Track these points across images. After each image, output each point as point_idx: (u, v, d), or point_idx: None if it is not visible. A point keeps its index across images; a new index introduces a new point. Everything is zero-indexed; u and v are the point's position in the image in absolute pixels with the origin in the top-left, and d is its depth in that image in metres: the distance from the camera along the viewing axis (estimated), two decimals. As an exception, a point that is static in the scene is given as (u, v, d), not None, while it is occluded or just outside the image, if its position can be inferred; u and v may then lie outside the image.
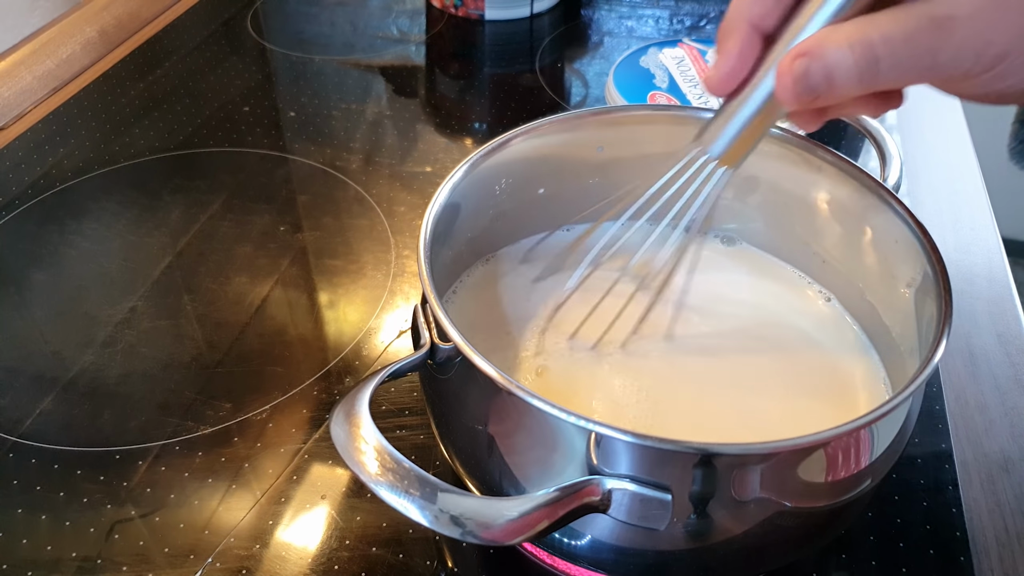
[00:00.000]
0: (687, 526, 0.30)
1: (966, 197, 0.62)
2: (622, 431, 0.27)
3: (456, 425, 0.35)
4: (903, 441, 0.33)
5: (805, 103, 0.28)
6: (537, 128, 0.41)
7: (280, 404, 0.47)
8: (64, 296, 0.54)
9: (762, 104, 0.31)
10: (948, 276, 0.33)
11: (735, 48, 0.30)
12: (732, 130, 0.32)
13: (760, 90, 0.31)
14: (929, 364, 0.30)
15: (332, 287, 0.55)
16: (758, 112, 0.31)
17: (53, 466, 0.44)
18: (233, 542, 0.40)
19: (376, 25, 0.86)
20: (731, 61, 0.30)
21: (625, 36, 0.84)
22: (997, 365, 0.49)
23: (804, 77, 0.27)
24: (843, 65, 0.27)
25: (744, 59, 0.30)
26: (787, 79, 0.28)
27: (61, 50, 0.75)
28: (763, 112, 0.31)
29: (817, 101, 0.28)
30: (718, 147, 0.33)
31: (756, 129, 0.32)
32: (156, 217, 0.60)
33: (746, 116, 0.32)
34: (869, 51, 0.26)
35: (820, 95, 0.28)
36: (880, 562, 0.40)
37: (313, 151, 0.67)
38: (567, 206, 0.46)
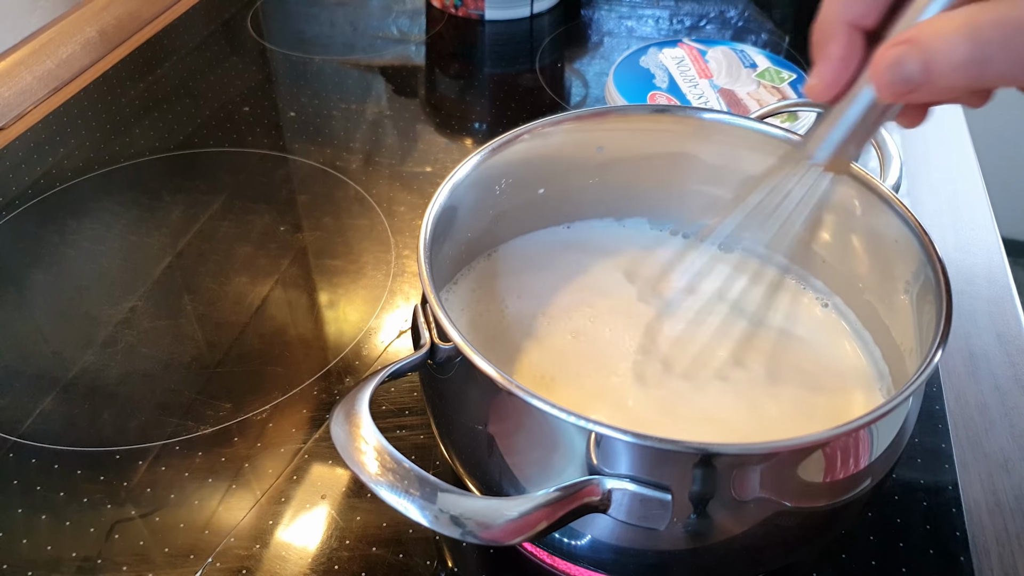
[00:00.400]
0: (687, 526, 0.30)
1: (966, 197, 0.62)
2: (622, 431, 0.27)
3: (456, 425, 0.35)
4: (903, 441, 0.33)
5: (900, 95, 0.26)
6: (537, 128, 0.41)
7: (280, 404, 0.47)
8: (64, 296, 0.54)
9: (867, 107, 0.29)
10: (948, 276, 0.33)
11: (837, 52, 0.28)
12: (837, 136, 0.31)
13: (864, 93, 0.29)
14: (929, 364, 0.30)
15: (332, 287, 0.55)
16: (864, 114, 0.30)
17: (53, 466, 0.44)
18: (233, 542, 0.40)
19: (376, 25, 0.86)
20: (834, 65, 0.29)
21: (625, 36, 0.84)
22: (997, 365, 0.49)
23: (897, 66, 0.25)
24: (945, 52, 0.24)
25: (848, 63, 0.28)
26: (880, 68, 0.26)
27: (61, 50, 0.75)
28: (870, 114, 0.30)
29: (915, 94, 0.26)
30: (823, 153, 0.31)
31: (863, 133, 0.30)
32: (156, 217, 0.60)
33: (852, 119, 0.30)
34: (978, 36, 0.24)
35: (917, 86, 0.25)
36: (880, 562, 0.40)
37: (313, 151, 0.67)
38: (567, 206, 0.46)
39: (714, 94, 0.67)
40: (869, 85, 0.29)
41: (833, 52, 0.28)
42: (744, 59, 0.71)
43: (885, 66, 0.26)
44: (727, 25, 0.86)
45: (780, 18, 0.88)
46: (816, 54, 0.29)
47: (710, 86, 0.68)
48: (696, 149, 0.44)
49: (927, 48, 0.25)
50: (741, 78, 0.69)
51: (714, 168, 0.44)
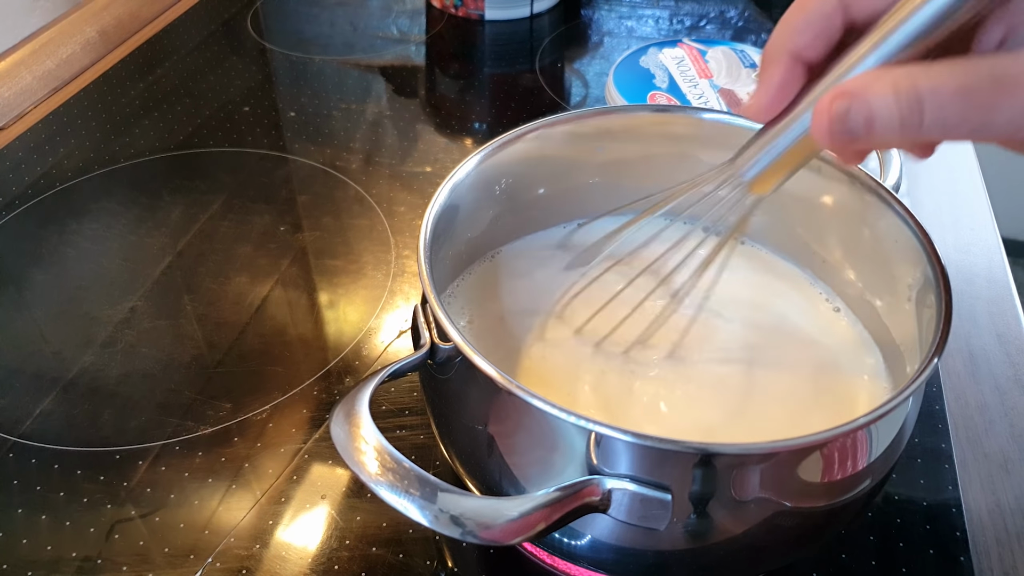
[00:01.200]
0: (687, 526, 0.30)
1: (966, 197, 0.62)
2: (622, 431, 0.27)
3: (456, 425, 0.35)
4: (903, 441, 0.33)
5: (841, 145, 0.27)
6: (537, 128, 0.41)
7: (280, 404, 0.47)
8: (64, 296, 0.54)
9: (799, 138, 0.30)
10: (948, 276, 0.33)
11: (776, 77, 0.29)
12: (766, 159, 0.32)
13: (799, 124, 0.30)
14: (929, 364, 0.30)
15: (332, 287, 0.55)
16: (794, 145, 0.30)
17: (53, 466, 0.44)
18: (233, 542, 0.40)
19: (376, 25, 0.86)
20: (771, 91, 0.29)
21: (625, 36, 0.84)
22: (997, 365, 0.49)
23: (843, 119, 0.26)
24: (885, 112, 0.25)
25: (785, 90, 0.29)
26: (824, 119, 0.26)
27: (61, 50, 0.75)
28: (799, 146, 0.30)
29: (853, 144, 0.26)
30: (750, 172, 0.32)
31: (791, 161, 0.31)
32: (156, 217, 0.60)
33: (781, 148, 0.31)
34: (915, 101, 0.24)
35: (858, 139, 0.26)
36: (880, 562, 0.40)
37: (313, 151, 0.67)
38: (567, 206, 0.46)
39: (714, 94, 0.67)
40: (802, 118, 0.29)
41: (773, 77, 0.29)
42: (744, 59, 0.71)
43: (830, 116, 0.26)
44: (727, 25, 0.86)
45: (780, 18, 0.88)
46: (760, 75, 0.30)
47: (710, 86, 0.68)
48: (696, 149, 0.44)
49: (871, 105, 0.25)
50: (741, 78, 0.69)
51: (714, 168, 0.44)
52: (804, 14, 0.28)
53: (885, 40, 0.26)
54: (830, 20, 0.28)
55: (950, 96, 0.24)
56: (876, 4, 0.27)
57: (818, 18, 0.28)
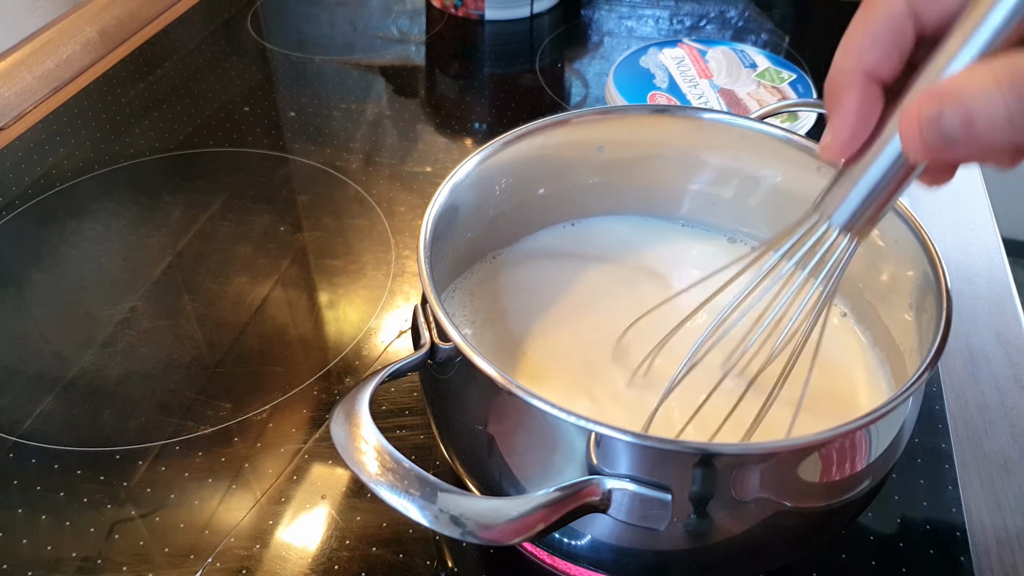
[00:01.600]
0: (687, 526, 0.30)
1: (966, 197, 0.62)
2: (622, 431, 0.27)
3: (456, 425, 0.35)
4: (903, 441, 0.33)
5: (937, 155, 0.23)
6: (537, 128, 0.41)
7: (280, 404, 0.47)
8: (64, 296, 0.54)
9: (891, 166, 0.26)
10: (948, 276, 0.33)
11: (853, 104, 0.26)
12: (858, 197, 0.28)
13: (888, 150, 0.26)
14: (929, 365, 0.30)
15: (332, 287, 0.55)
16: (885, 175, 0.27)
17: (53, 466, 0.44)
18: (233, 542, 0.40)
19: (376, 25, 0.86)
20: (851, 120, 0.26)
21: (625, 36, 0.84)
22: (997, 365, 0.49)
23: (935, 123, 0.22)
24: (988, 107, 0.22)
25: (865, 117, 0.26)
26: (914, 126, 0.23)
27: (61, 50, 0.75)
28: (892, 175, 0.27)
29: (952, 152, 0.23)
30: (842, 215, 0.29)
31: (887, 194, 0.27)
32: (156, 217, 0.60)
33: (873, 181, 0.27)
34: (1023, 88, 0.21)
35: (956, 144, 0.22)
36: (880, 562, 0.40)
37: (313, 151, 0.67)
38: (567, 206, 0.46)
39: (714, 94, 0.67)
40: (891, 142, 0.26)
41: (849, 105, 0.26)
42: (744, 59, 0.71)
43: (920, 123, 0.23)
44: (727, 25, 0.86)
45: (780, 18, 0.88)
46: (830, 108, 0.27)
47: (710, 86, 0.68)
48: (696, 149, 0.44)
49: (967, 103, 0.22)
50: (741, 78, 0.69)
51: (714, 168, 0.44)
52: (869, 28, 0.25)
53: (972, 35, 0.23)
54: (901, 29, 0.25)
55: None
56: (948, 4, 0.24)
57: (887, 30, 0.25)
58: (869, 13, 0.25)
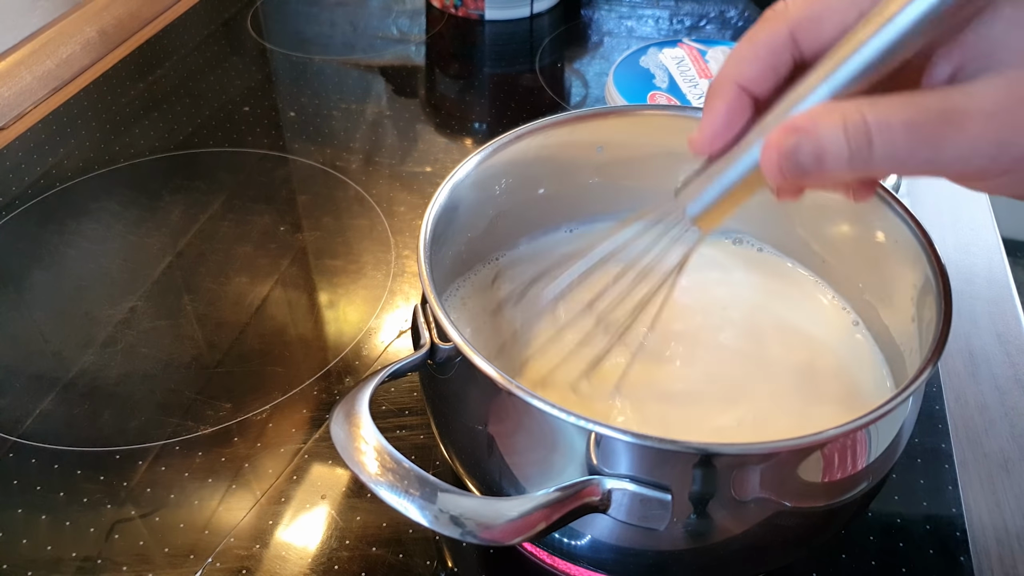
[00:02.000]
0: (687, 526, 0.30)
1: (966, 197, 0.62)
2: (622, 431, 0.27)
3: (456, 425, 0.35)
4: (903, 441, 0.33)
5: (791, 180, 0.26)
6: (537, 128, 0.41)
7: (280, 404, 0.47)
8: (64, 296, 0.54)
9: (746, 172, 0.29)
10: (948, 276, 0.33)
11: (721, 109, 0.28)
12: (711, 194, 0.30)
13: (746, 158, 0.29)
14: (929, 365, 0.30)
15: (332, 287, 0.55)
16: (740, 180, 0.29)
17: (53, 466, 0.44)
18: (233, 542, 0.40)
19: (376, 25, 0.86)
20: (716, 122, 0.28)
21: (625, 36, 0.84)
22: (997, 365, 0.49)
23: (793, 154, 0.25)
24: (835, 146, 0.24)
25: (730, 122, 0.28)
26: (773, 153, 0.26)
27: (61, 50, 0.75)
28: (746, 181, 0.29)
29: (804, 180, 0.26)
30: (695, 208, 0.31)
31: (737, 196, 0.30)
32: (156, 217, 0.60)
33: (727, 183, 0.30)
34: (863, 135, 0.24)
35: (808, 174, 0.25)
36: (880, 562, 0.40)
37: (313, 151, 0.67)
38: (567, 206, 0.46)
39: (714, 94, 0.66)
40: (749, 151, 0.28)
41: (718, 109, 0.28)
42: (744, 59, 0.71)
43: (780, 152, 0.25)
44: (727, 25, 0.86)
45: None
46: (705, 107, 0.29)
47: (710, 86, 0.67)
48: (696, 149, 0.44)
49: (820, 139, 0.25)
50: (741, 78, 0.68)
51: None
52: (752, 46, 0.28)
53: (834, 73, 0.26)
54: (779, 54, 0.27)
55: (899, 129, 0.24)
56: (825, 39, 0.26)
57: (767, 51, 0.27)
58: (756, 32, 0.28)
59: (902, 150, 0.24)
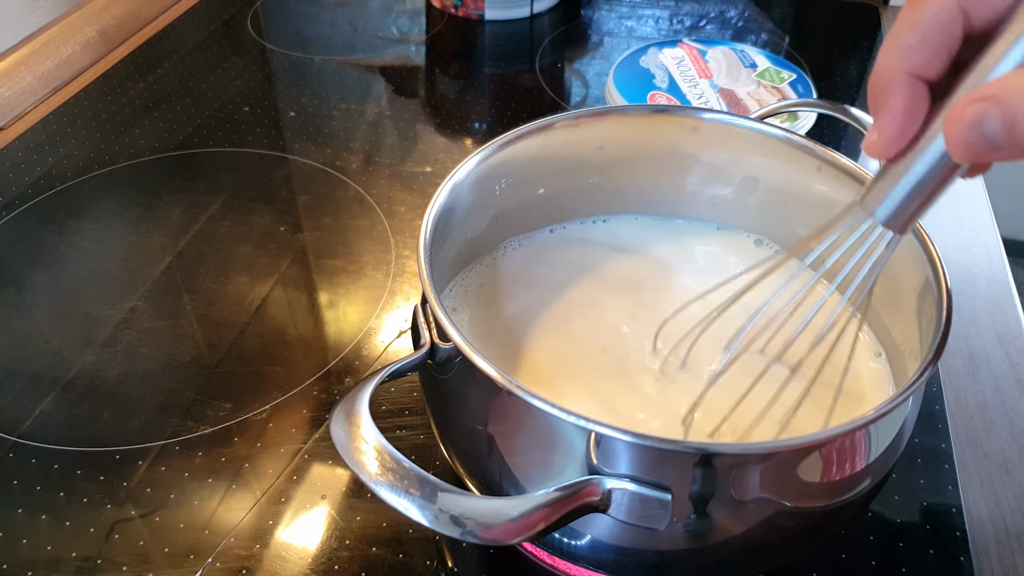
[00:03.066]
0: (687, 526, 0.30)
1: (966, 197, 0.62)
2: (622, 431, 0.27)
3: (456, 425, 0.35)
4: (903, 441, 0.33)
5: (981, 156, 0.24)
6: (537, 128, 0.41)
7: (280, 404, 0.47)
8: (64, 296, 0.54)
9: (935, 165, 0.27)
10: (948, 276, 0.33)
11: (900, 105, 0.26)
12: (900, 193, 0.28)
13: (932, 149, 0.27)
14: (929, 365, 0.30)
15: (332, 287, 0.55)
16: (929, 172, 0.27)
17: (53, 466, 0.44)
18: (233, 542, 0.40)
19: (376, 25, 0.86)
20: (897, 120, 0.26)
21: (625, 36, 0.84)
22: (997, 365, 0.50)
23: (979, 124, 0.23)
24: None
25: (911, 117, 0.26)
26: (958, 127, 0.23)
27: (61, 50, 0.75)
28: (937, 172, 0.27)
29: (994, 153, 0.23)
30: (884, 211, 0.29)
31: (927, 191, 0.28)
32: (156, 217, 0.60)
33: (916, 177, 0.28)
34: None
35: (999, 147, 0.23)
36: (880, 562, 0.40)
37: (313, 151, 0.67)
38: (567, 206, 0.46)
39: (714, 94, 0.67)
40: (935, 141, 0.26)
41: (895, 105, 0.26)
42: (744, 59, 0.71)
43: (964, 125, 0.23)
44: (727, 25, 0.86)
45: (780, 18, 0.88)
46: (875, 107, 0.27)
47: (710, 86, 0.68)
48: (696, 149, 0.44)
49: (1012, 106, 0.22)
50: (741, 78, 0.69)
51: (714, 168, 0.44)
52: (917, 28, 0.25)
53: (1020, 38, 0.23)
54: (949, 30, 0.25)
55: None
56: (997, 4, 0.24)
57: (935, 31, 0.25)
58: (916, 13, 0.25)
59: None
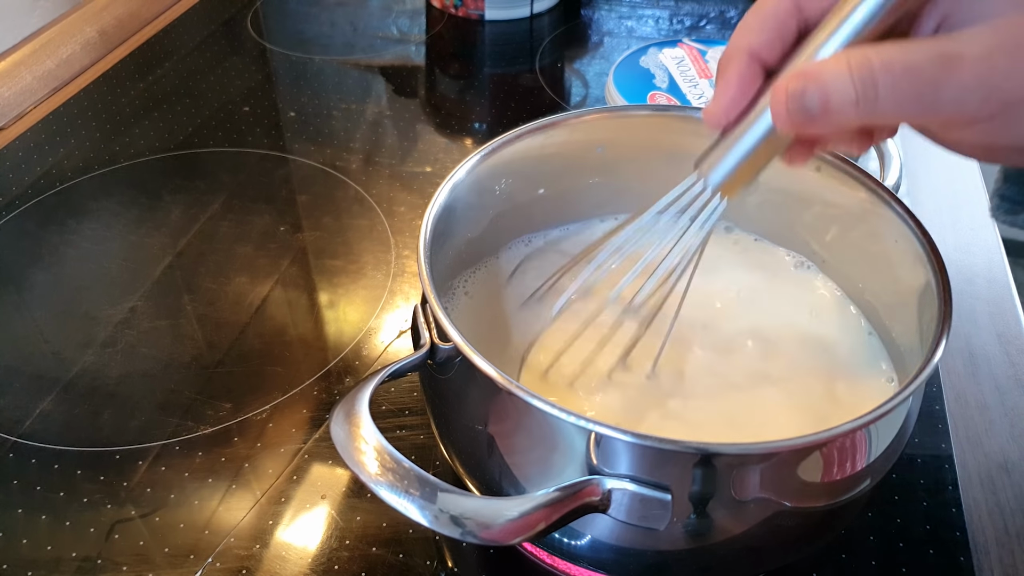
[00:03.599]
0: (687, 526, 0.30)
1: (966, 197, 0.62)
2: (622, 431, 0.27)
3: (456, 425, 0.35)
4: (903, 441, 0.33)
5: (799, 126, 0.27)
6: (537, 128, 0.41)
7: (280, 404, 0.47)
8: (64, 296, 0.54)
9: (762, 136, 0.30)
10: (948, 276, 0.33)
11: (734, 78, 0.29)
12: (731, 161, 0.31)
13: (761, 121, 0.30)
14: (928, 365, 0.30)
15: (332, 287, 0.55)
16: (758, 144, 0.30)
17: (53, 466, 0.44)
18: (233, 542, 0.40)
19: (376, 25, 0.86)
20: (730, 91, 0.30)
21: (625, 36, 0.84)
22: (997, 365, 0.49)
23: (799, 97, 0.26)
24: (840, 89, 0.26)
25: (743, 89, 0.30)
26: (781, 99, 0.27)
27: (61, 50, 0.75)
28: (763, 144, 0.30)
29: (811, 125, 0.27)
30: (716, 177, 0.32)
31: (756, 162, 0.31)
32: (156, 217, 0.60)
33: (746, 148, 0.31)
34: (868, 76, 0.25)
35: (815, 119, 0.27)
36: (880, 562, 0.40)
37: (313, 151, 0.67)
38: (567, 206, 0.46)
39: (714, 94, 0.66)
40: (763, 115, 0.29)
41: (730, 76, 0.29)
42: (744, 59, 0.71)
43: (785, 96, 0.27)
44: (727, 25, 0.86)
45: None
46: (717, 79, 0.30)
47: (710, 86, 0.67)
48: (696, 149, 0.43)
49: (825, 83, 0.26)
50: (741, 78, 0.68)
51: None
52: (759, 16, 0.29)
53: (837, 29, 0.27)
54: (785, 20, 0.29)
55: (901, 72, 0.25)
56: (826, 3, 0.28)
57: (773, 20, 0.29)
58: (762, 3, 0.29)
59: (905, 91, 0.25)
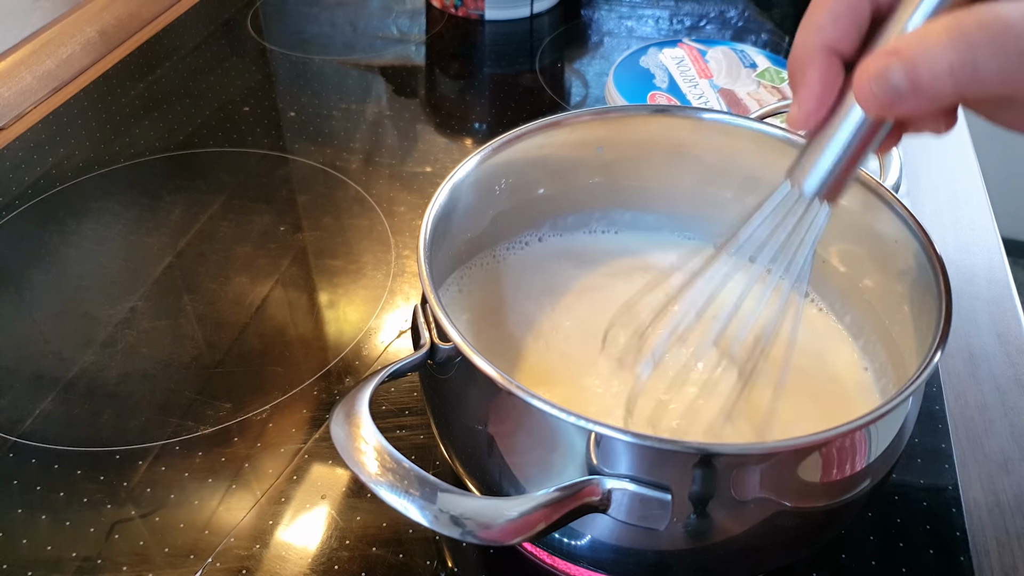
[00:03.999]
0: (687, 526, 0.30)
1: (966, 197, 0.62)
2: (622, 431, 0.27)
3: (456, 425, 0.35)
4: (903, 441, 0.33)
5: (887, 107, 0.25)
6: (537, 128, 0.41)
7: (280, 404, 0.47)
8: (64, 296, 0.54)
9: (855, 130, 0.28)
10: (948, 276, 0.33)
11: (816, 77, 0.28)
12: (827, 163, 0.29)
13: (851, 115, 0.28)
14: (928, 365, 0.30)
15: (332, 287, 0.55)
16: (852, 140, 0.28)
17: (53, 466, 0.44)
18: (233, 542, 0.40)
19: (376, 25, 0.86)
20: (815, 91, 0.28)
21: (625, 36, 0.84)
22: (997, 365, 0.49)
23: (883, 75, 0.24)
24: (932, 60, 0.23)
25: (827, 87, 0.28)
26: (865, 79, 0.25)
27: (61, 50, 0.75)
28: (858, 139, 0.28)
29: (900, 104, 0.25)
30: (813, 183, 0.30)
31: (853, 159, 0.29)
32: (156, 217, 0.60)
33: (840, 146, 0.29)
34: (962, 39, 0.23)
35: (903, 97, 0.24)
36: (880, 562, 0.40)
37: (313, 151, 0.67)
38: (567, 206, 0.46)
39: (714, 94, 0.67)
40: (852, 109, 0.28)
41: (811, 78, 0.28)
42: (744, 59, 0.71)
43: (869, 78, 0.25)
44: (727, 25, 0.86)
45: (780, 18, 0.88)
46: (794, 83, 0.28)
47: (710, 86, 0.68)
48: (696, 149, 0.44)
49: (911, 56, 0.24)
50: (741, 78, 0.69)
51: (714, 168, 0.44)
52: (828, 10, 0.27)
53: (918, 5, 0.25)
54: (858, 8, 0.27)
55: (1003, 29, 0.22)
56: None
57: (845, 9, 0.27)
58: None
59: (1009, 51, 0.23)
